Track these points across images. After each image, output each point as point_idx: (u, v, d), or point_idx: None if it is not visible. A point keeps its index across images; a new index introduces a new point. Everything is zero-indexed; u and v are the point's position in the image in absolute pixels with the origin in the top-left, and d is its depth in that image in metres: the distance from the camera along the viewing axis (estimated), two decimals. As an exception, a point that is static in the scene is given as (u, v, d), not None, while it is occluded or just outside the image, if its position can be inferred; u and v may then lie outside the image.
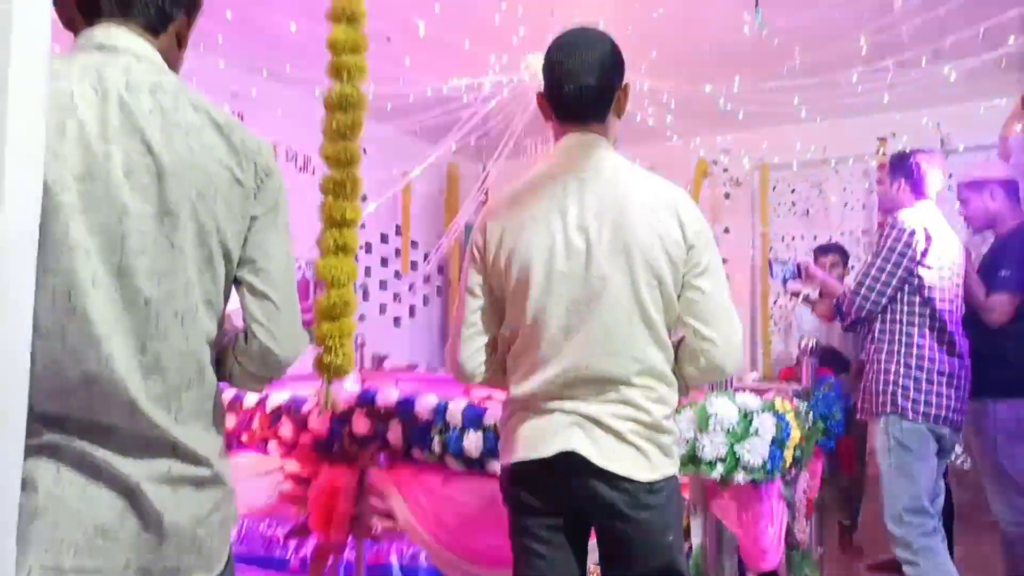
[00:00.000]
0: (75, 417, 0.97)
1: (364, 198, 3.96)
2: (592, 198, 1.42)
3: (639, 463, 1.39)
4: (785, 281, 3.21)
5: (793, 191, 5.60)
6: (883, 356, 2.66)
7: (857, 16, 3.35)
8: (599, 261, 1.39)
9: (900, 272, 2.60)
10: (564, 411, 1.41)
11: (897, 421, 2.57)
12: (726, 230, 5.54)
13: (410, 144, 5.12)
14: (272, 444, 2.76)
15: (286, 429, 2.71)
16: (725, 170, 5.56)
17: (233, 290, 1.14)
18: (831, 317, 3.11)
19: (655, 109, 4.23)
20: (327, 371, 1.91)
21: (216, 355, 1.15)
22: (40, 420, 0.96)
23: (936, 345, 2.60)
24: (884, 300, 2.63)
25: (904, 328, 2.63)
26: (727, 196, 5.61)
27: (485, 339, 1.53)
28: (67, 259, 0.95)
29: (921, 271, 2.59)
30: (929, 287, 2.60)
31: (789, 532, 2.40)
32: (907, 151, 2.92)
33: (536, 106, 1.60)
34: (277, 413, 2.75)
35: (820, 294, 3.19)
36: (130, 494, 0.99)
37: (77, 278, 0.95)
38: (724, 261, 1.52)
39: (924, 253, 2.59)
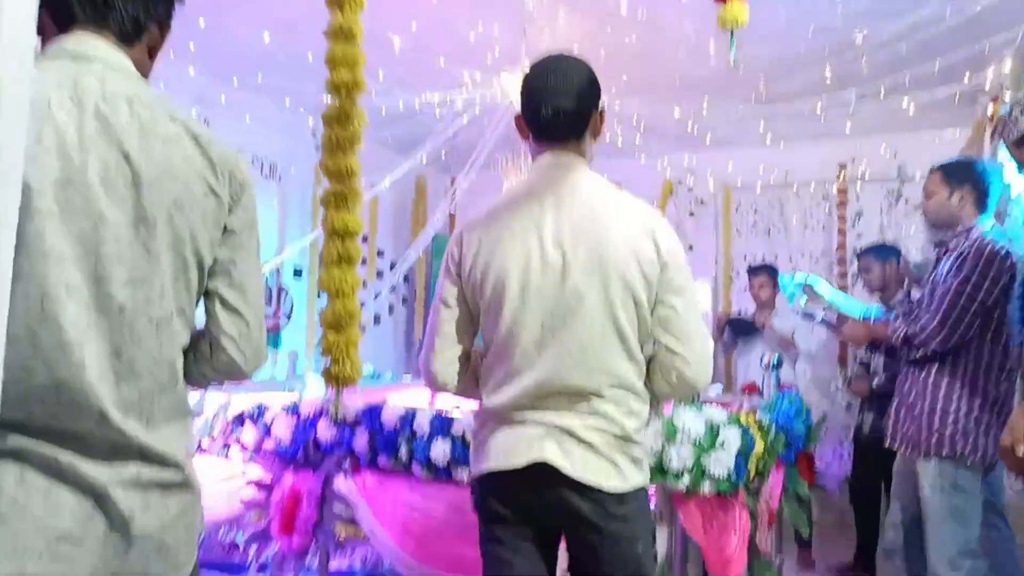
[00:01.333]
0: (39, 424, 0.96)
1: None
2: (569, 215, 1.45)
3: (610, 474, 1.41)
4: (792, 296, 3.07)
5: (756, 211, 5.74)
6: (942, 393, 2.41)
7: (820, 50, 3.47)
8: (575, 277, 1.42)
9: (990, 302, 2.31)
10: (537, 422, 1.43)
11: (952, 465, 2.37)
12: (690, 248, 5.65)
13: (379, 154, 5.12)
14: (234, 449, 2.73)
15: (248, 435, 2.68)
16: (690, 190, 5.68)
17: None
18: (861, 341, 2.83)
19: (624, 129, 4.31)
20: (336, 381, 1.91)
21: None
22: (3, 425, 0.94)
23: (1009, 387, 2.38)
24: (971, 333, 2.34)
25: (973, 367, 2.38)
26: (691, 215, 5.72)
27: (459, 350, 1.55)
28: (41, 265, 0.94)
29: (1010, 302, 2.30)
30: (1009, 320, 2.32)
31: (752, 541, 2.45)
32: (970, 159, 2.60)
33: (509, 122, 1.63)
34: (240, 419, 2.72)
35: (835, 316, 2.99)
36: (98, 499, 0.97)
37: (50, 284, 0.94)
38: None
39: (1013, 279, 2.29)
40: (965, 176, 2.49)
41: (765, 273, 4.26)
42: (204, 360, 1.13)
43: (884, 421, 3.35)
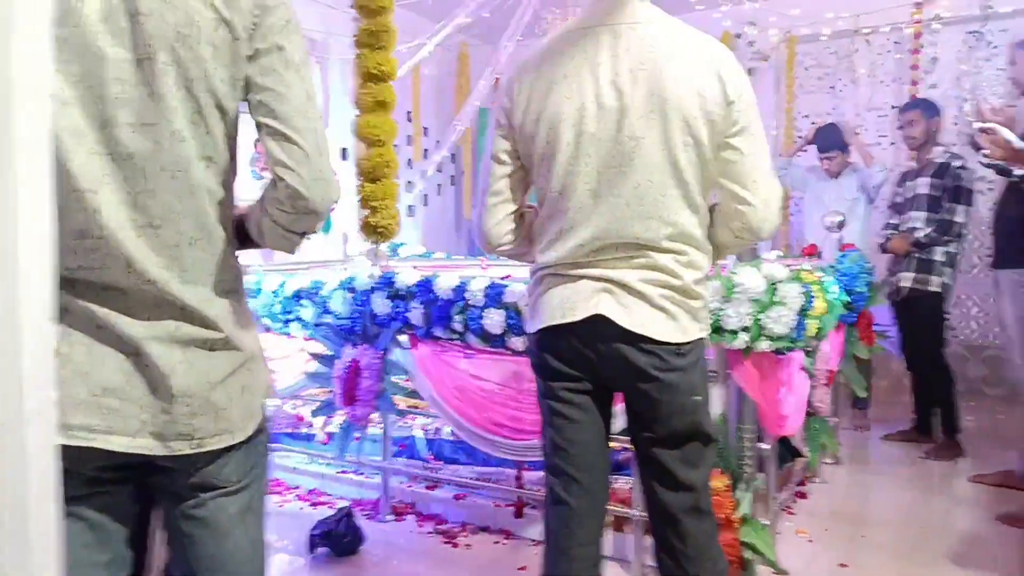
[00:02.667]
0: (79, 278, 0.95)
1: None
2: (626, 52, 1.34)
3: (668, 326, 1.37)
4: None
5: (820, 65, 5.35)
6: None
7: None
8: (632, 119, 1.33)
9: None
10: (592, 278, 1.39)
11: None
12: (748, 108, 5.35)
13: (415, 21, 4.91)
14: (294, 327, 2.80)
15: (307, 312, 2.74)
16: (751, 43, 5.30)
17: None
18: None
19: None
20: (374, 232, 1.87)
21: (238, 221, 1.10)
22: None
23: None
24: None
25: None
26: (751, 72, 5.37)
27: (512, 207, 1.49)
28: None
29: None
30: None
31: (808, 401, 2.44)
32: None
33: None
34: (297, 296, 2.77)
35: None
36: (136, 355, 0.97)
37: (56, 130, 0.90)
38: None
39: None
40: None
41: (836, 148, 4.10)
42: (272, 200, 1.04)
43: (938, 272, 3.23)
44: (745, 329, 1.97)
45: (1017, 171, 2.64)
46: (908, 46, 4.90)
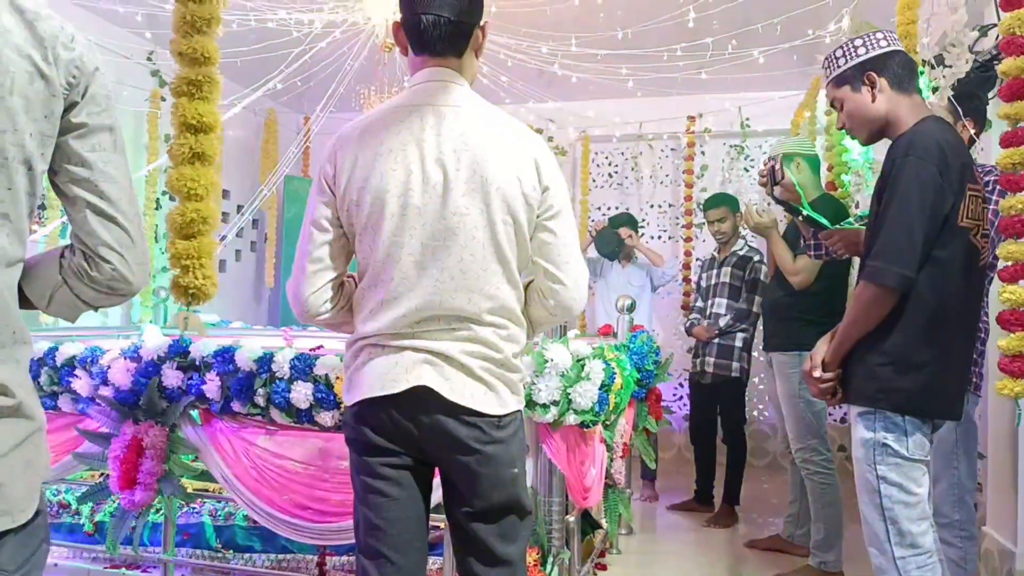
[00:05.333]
0: None
1: (167, 138, 3.60)
2: (451, 133, 1.40)
3: (488, 398, 1.40)
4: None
5: (611, 163, 5.91)
6: None
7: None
8: (456, 196, 1.37)
9: None
10: (415, 349, 1.39)
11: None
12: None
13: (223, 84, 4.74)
14: (63, 399, 2.46)
15: (81, 383, 2.43)
16: (551, 139, 5.73)
17: None
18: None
19: (491, 68, 4.24)
20: (185, 294, 1.73)
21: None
22: None
23: None
24: None
25: None
26: (551, 164, 5.79)
27: (332, 275, 1.46)
28: None
29: None
30: None
31: (607, 473, 2.56)
32: None
33: (372, 52, 1.53)
34: (70, 365, 2.46)
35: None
36: None
37: None
38: None
39: None
40: None
41: (628, 223, 4.43)
42: (78, 275, 0.98)
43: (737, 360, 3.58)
44: (555, 403, 2.05)
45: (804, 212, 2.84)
46: (683, 153, 5.58)
